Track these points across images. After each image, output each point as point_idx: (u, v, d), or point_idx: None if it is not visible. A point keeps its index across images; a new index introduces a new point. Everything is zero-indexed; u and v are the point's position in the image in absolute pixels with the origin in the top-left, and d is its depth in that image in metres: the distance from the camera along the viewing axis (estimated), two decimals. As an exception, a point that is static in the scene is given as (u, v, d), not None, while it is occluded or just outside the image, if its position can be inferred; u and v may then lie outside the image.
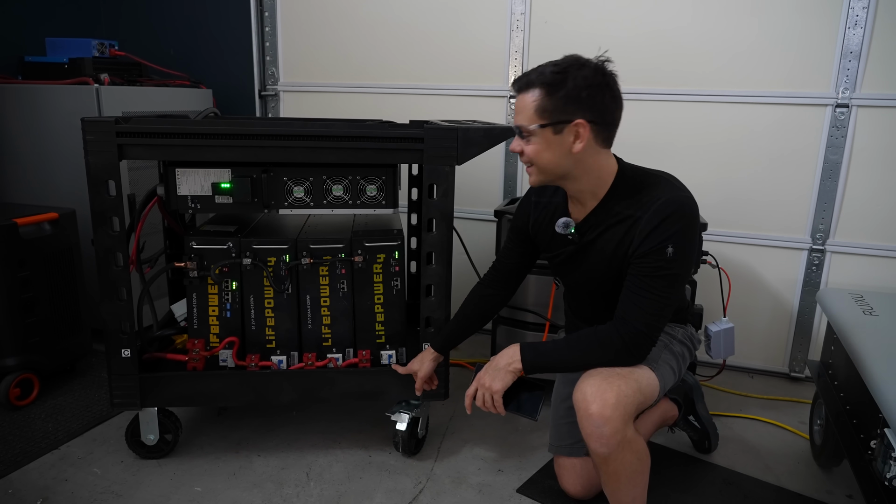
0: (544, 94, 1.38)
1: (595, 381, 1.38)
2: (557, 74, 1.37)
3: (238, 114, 2.98)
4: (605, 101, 1.38)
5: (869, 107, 2.22)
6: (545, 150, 1.42)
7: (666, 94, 2.43)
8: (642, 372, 1.43)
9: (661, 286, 1.39)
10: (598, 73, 1.37)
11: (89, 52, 2.53)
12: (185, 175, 1.69)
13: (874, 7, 2.14)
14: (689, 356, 1.66)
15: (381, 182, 1.76)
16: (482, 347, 2.69)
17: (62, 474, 1.78)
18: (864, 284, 2.32)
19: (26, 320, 2.12)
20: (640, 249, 1.41)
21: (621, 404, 1.35)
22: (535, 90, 1.38)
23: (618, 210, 1.46)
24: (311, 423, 2.06)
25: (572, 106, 1.37)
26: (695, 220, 1.43)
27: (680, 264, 1.40)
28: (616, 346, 1.40)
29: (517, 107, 1.43)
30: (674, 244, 1.38)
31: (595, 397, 1.35)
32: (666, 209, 1.39)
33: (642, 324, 1.39)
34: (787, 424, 2.14)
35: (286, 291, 1.80)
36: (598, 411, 1.34)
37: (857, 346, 1.58)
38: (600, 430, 1.35)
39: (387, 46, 2.75)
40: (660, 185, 1.45)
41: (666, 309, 1.41)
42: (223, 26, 3.04)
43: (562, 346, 1.48)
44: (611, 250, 1.47)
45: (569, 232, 1.53)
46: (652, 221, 1.39)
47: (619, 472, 1.42)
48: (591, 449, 1.40)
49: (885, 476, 1.30)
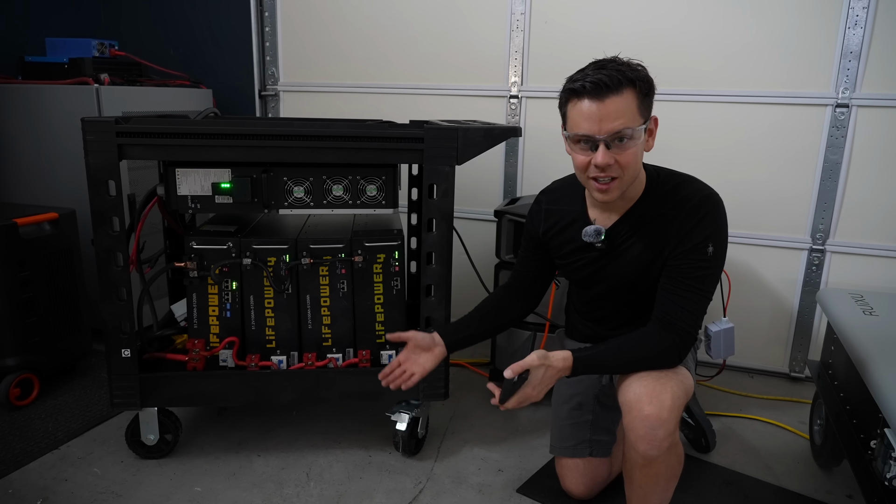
0: (639, 91, 1.31)
1: (648, 383, 1.34)
2: (634, 69, 1.31)
3: (238, 114, 2.97)
4: None
5: (869, 107, 2.21)
6: (639, 154, 1.36)
7: (666, 94, 2.41)
8: (684, 372, 1.42)
9: (703, 285, 1.39)
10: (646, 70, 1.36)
11: (89, 52, 2.53)
12: (185, 175, 1.69)
13: (874, 7, 2.14)
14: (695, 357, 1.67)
15: (381, 182, 1.76)
16: (482, 347, 2.69)
17: (62, 474, 1.78)
18: (864, 284, 2.32)
19: (26, 320, 2.12)
20: (680, 249, 1.39)
21: (676, 406, 1.32)
22: (628, 90, 1.30)
23: (649, 211, 1.44)
24: (311, 423, 2.06)
25: (651, 102, 1.36)
26: (725, 219, 1.43)
27: (719, 262, 1.41)
28: (667, 348, 1.37)
29: (606, 111, 1.30)
30: (714, 242, 1.38)
31: (651, 399, 1.31)
32: (703, 207, 1.39)
33: (688, 324, 1.38)
34: (787, 424, 2.14)
35: (286, 291, 1.80)
36: (655, 413, 1.30)
37: (857, 346, 1.58)
38: (654, 432, 1.31)
39: (387, 46, 2.75)
40: (689, 183, 1.45)
41: (705, 308, 1.40)
42: (223, 26, 3.04)
43: (613, 351, 1.41)
44: (641, 252, 1.45)
45: (599, 240, 1.47)
46: (690, 220, 1.38)
47: (659, 474, 1.39)
48: (638, 451, 1.35)
49: (885, 476, 1.30)
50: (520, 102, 2.61)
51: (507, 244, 2.19)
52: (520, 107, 2.61)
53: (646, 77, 1.34)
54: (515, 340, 2.20)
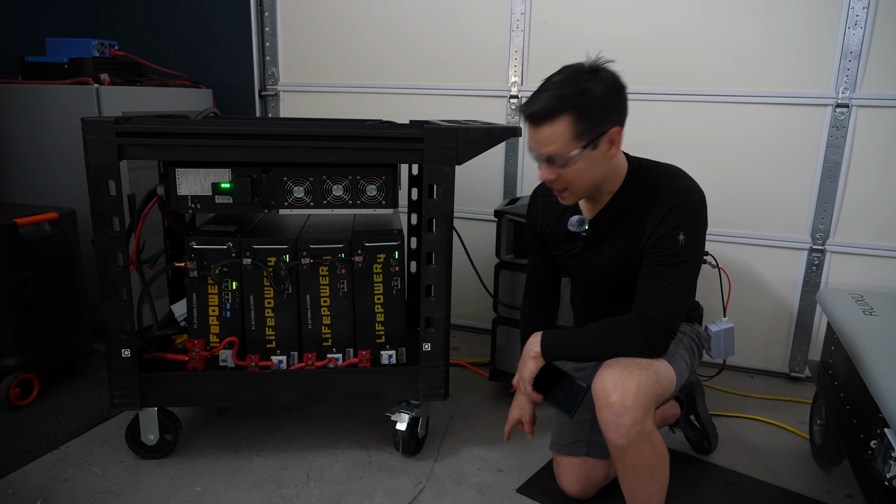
0: (576, 118, 1.32)
1: (616, 371, 1.37)
2: (579, 92, 1.31)
3: (238, 114, 2.97)
4: (623, 100, 1.39)
5: (869, 107, 2.21)
6: (585, 170, 1.38)
7: (666, 94, 2.43)
8: (661, 364, 1.44)
9: (675, 274, 1.40)
10: (611, 75, 1.37)
11: (89, 52, 2.53)
12: (185, 175, 1.69)
13: (874, 7, 2.14)
14: (698, 355, 1.67)
15: (381, 182, 1.76)
16: (482, 347, 2.70)
17: (62, 474, 1.78)
18: (864, 284, 2.32)
19: (26, 320, 2.12)
20: (652, 239, 1.42)
21: (642, 395, 1.34)
22: (564, 117, 1.32)
23: (629, 202, 1.48)
24: (311, 423, 2.06)
25: (603, 117, 1.35)
26: (703, 208, 1.45)
27: (693, 252, 1.41)
28: (636, 337, 1.41)
29: (540, 138, 1.36)
30: (686, 231, 1.39)
31: (616, 386, 1.35)
32: (675, 198, 1.41)
33: (660, 314, 1.40)
34: (787, 424, 2.14)
35: (286, 291, 1.80)
36: (618, 400, 1.34)
37: (857, 346, 1.58)
38: (620, 419, 1.34)
39: (387, 46, 2.75)
40: (668, 176, 1.48)
41: (683, 298, 1.42)
42: (223, 26, 3.04)
43: (581, 335, 1.49)
44: (623, 242, 1.48)
45: (583, 229, 1.53)
46: (662, 210, 1.41)
47: (636, 465, 1.40)
48: (609, 440, 1.39)
49: (885, 476, 1.30)
50: (520, 102, 2.61)
51: (507, 244, 2.19)
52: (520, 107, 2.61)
53: (589, 102, 1.32)
54: (515, 340, 2.19)
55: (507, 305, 2.21)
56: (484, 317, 2.70)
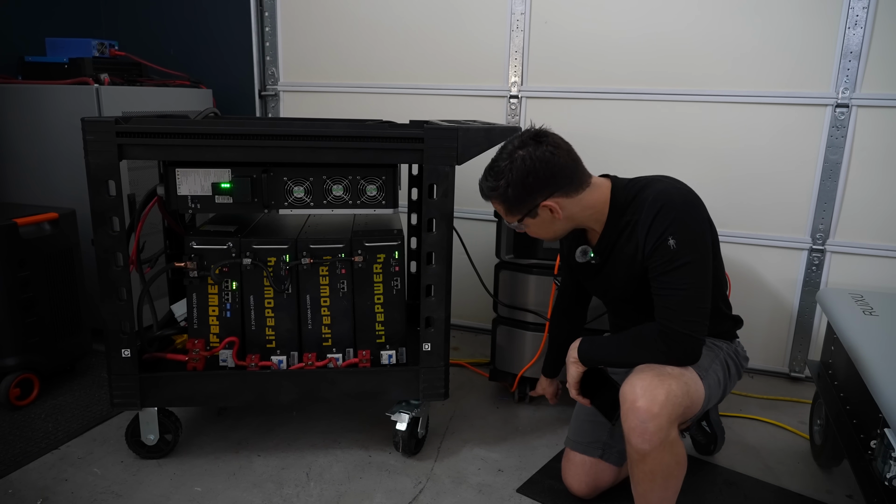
0: (503, 202, 1.48)
1: (647, 377, 1.37)
2: (500, 182, 1.44)
3: (238, 114, 2.97)
4: (553, 166, 1.43)
5: (869, 107, 2.22)
6: (539, 228, 1.53)
7: (666, 94, 2.43)
8: (693, 377, 1.43)
9: (677, 280, 1.40)
10: (534, 145, 1.42)
11: (89, 52, 2.53)
12: (185, 175, 1.69)
13: (874, 7, 2.14)
14: (735, 375, 1.65)
15: (381, 182, 1.76)
16: (482, 347, 2.70)
17: (62, 474, 1.78)
18: (864, 284, 2.32)
19: (26, 320, 2.12)
20: (647, 250, 1.43)
21: (670, 403, 1.34)
22: (495, 200, 1.50)
23: (620, 221, 1.50)
24: (311, 423, 2.06)
25: (529, 197, 1.45)
26: (691, 207, 1.44)
27: (689, 254, 1.40)
28: (657, 346, 1.42)
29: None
30: (673, 235, 1.39)
31: (645, 392, 1.34)
32: (656, 204, 1.42)
33: (675, 322, 1.39)
34: (787, 424, 2.14)
35: (286, 291, 1.80)
36: (645, 406, 1.33)
37: (857, 346, 1.58)
38: (645, 425, 1.34)
39: (387, 46, 2.75)
40: (649, 186, 1.48)
41: (695, 301, 1.40)
42: (223, 26, 3.04)
43: (612, 342, 1.56)
44: (627, 260, 1.51)
45: (588, 258, 1.60)
46: (647, 220, 1.42)
47: (654, 472, 1.40)
48: (631, 444, 1.38)
49: (885, 476, 1.30)
50: (520, 102, 2.61)
51: (507, 244, 2.18)
52: (520, 107, 2.61)
53: (507, 194, 1.45)
54: (515, 340, 2.20)
55: (507, 305, 2.21)
56: (484, 317, 2.70)
